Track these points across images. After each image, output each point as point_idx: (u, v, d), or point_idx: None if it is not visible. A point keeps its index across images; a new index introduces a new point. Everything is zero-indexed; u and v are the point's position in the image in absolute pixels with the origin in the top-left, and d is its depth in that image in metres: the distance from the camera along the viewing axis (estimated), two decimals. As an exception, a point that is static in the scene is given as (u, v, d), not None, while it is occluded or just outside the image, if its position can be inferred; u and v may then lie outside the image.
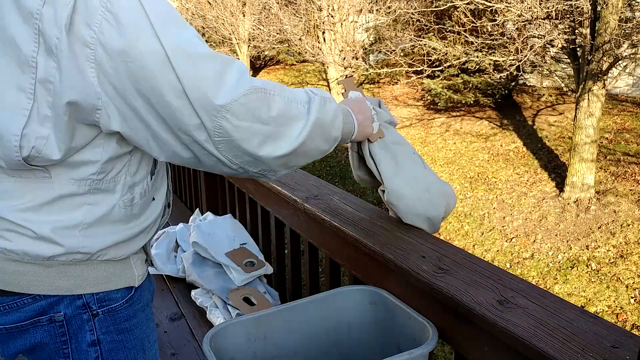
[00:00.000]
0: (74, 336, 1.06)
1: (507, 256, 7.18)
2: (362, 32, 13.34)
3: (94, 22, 0.88)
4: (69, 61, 0.89)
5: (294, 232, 2.00)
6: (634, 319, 5.74)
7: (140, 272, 1.14)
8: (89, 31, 0.88)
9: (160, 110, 0.93)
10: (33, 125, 0.91)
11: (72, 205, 1.00)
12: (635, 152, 8.45)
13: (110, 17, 0.88)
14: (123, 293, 1.10)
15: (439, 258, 1.31)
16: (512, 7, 8.00)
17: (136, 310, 1.13)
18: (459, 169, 9.46)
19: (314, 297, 1.38)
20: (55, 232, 0.99)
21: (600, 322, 1.02)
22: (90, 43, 0.88)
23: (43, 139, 0.92)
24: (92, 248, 1.03)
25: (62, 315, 1.04)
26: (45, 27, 0.88)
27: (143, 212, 1.10)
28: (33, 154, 0.92)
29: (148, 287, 1.19)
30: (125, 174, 1.04)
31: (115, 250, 1.07)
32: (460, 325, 1.19)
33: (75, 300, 1.04)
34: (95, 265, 1.05)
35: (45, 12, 0.87)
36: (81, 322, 1.06)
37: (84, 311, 1.05)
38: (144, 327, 1.16)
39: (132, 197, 1.06)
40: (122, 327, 1.10)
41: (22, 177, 0.98)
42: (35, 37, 0.88)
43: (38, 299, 1.03)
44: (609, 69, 7.55)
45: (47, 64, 0.89)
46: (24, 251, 1.00)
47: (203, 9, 16.68)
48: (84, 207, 1.01)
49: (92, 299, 1.06)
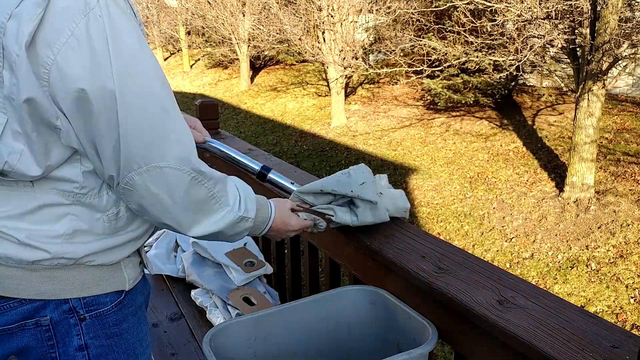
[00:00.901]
0: (62, 340, 1.05)
1: (507, 256, 7.18)
2: (362, 32, 13.34)
3: (56, 44, 0.86)
4: (25, 78, 0.87)
5: (294, 232, 2.00)
6: (634, 319, 5.74)
7: (132, 276, 1.12)
8: (48, 51, 0.86)
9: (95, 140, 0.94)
10: (6, 139, 0.91)
11: (55, 215, 1.00)
12: (635, 152, 8.45)
13: (75, 43, 0.86)
14: (112, 297, 1.08)
15: (438, 258, 1.31)
16: (511, 7, 8.00)
17: (127, 314, 1.11)
18: (459, 169, 9.46)
19: (313, 297, 1.38)
20: (38, 241, 0.99)
21: (600, 322, 1.02)
22: (46, 63, 0.87)
23: (17, 153, 0.92)
24: (77, 253, 1.02)
25: (49, 320, 1.03)
26: (7, 43, 0.86)
27: (131, 223, 1.09)
28: (6, 168, 0.92)
29: (141, 289, 1.17)
30: (107, 189, 1.03)
31: (104, 256, 1.06)
32: (460, 325, 1.19)
33: (61, 304, 1.03)
34: (81, 270, 1.04)
35: (9, 27, 0.85)
36: (68, 327, 1.05)
37: (70, 316, 1.04)
38: (136, 330, 1.14)
39: (117, 211, 1.05)
40: (112, 332, 1.09)
41: (4, 186, 0.97)
42: (1, 52, 0.87)
43: (24, 302, 1.02)
44: (609, 69, 7.55)
45: (10, 80, 0.88)
46: (7, 255, 0.99)
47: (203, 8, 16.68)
48: (67, 218, 1.00)
49: (79, 303, 1.05)
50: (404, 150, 10.64)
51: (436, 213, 8.42)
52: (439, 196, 8.82)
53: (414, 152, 10.47)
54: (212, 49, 18.77)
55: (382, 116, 12.34)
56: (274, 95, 15.77)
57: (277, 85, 16.53)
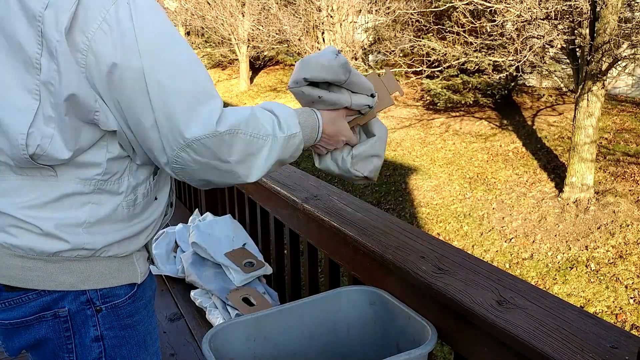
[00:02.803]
0: (78, 331, 1.08)
1: (507, 256, 7.18)
2: (362, 32, 13.34)
3: (90, 30, 0.92)
4: (67, 64, 0.92)
5: (293, 233, 2.01)
6: (633, 319, 5.74)
7: (143, 269, 1.16)
8: (83, 37, 0.92)
9: (132, 126, 0.99)
10: (38, 124, 0.95)
11: (77, 204, 1.03)
12: (634, 152, 8.46)
13: (107, 27, 0.92)
14: (126, 289, 1.11)
15: (438, 258, 1.32)
16: (511, 7, 8.00)
17: (139, 306, 1.15)
18: (458, 169, 9.46)
19: (313, 298, 1.38)
20: (60, 229, 1.02)
21: (599, 323, 1.02)
22: (82, 49, 0.92)
23: (48, 138, 0.95)
24: (97, 244, 1.05)
25: (67, 311, 1.06)
26: (47, 30, 0.91)
27: (145, 210, 1.13)
28: (38, 152, 0.96)
29: (149, 284, 1.21)
30: (129, 175, 1.07)
31: (118, 247, 1.09)
32: (460, 326, 1.19)
33: (79, 296, 1.06)
34: (99, 262, 1.08)
35: (47, 15, 0.91)
36: (85, 318, 1.07)
37: (87, 307, 1.07)
38: (147, 323, 1.18)
39: (135, 197, 1.09)
40: (125, 323, 1.12)
41: (29, 175, 1.01)
42: (38, 39, 0.92)
43: (43, 294, 1.04)
44: (609, 69, 7.55)
45: (50, 66, 0.92)
46: (29, 247, 1.02)
47: (202, 9, 16.68)
48: (88, 206, 1.03)
49: (96, 294, 1.07)
50: (404, 150, 10.65)
51: (436, 213, 8.42)
52: (439, 196, 8.82)
53: (414, 153, 10.47)
54: (212, 49, 18.78)
55: (381, 116, 12.34)
56: (274, 95, 15.77)
57: (277, 86, 16.53)
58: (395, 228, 1.49)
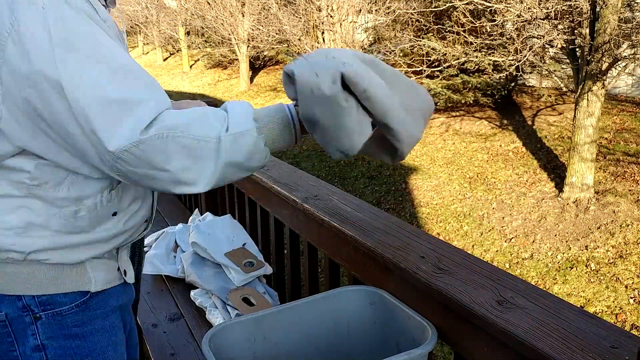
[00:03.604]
0: (20, 339, 1.04)
1: (507, 256, 7.18)
2: (362, 32, 13.34)
3: (0, 41, 0.87)
4: None
5: (293, 233, 2.01)
6: (633, 319, 5.74)
7: (100, 278, 1.10)
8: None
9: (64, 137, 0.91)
10: None
11: (9, 207, 0.99)
12: (634, 152, 8.46)
13: (16, 36, 0.86)
14: (72, 297, 1.06)
15: (438, 258, 1.31)
16: (511, 7, 8.00)
17: (93, 316, 1.09)
18: (458, 169, 9.46)
19: (313, 298, 1.38)
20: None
21: (599, 323, 1.02)
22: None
23: None
24: (26, 247, 1.00)
25: (4, 315, 1.02)
26: None
27: (96, 225, 1.06)
28: None
29: (118, 294, 1.14)
30: (69, 186, 1.01)
31: (62, 254, 1.03)
32: (460, 326, 1.19)
33: (15, 301, 1.02)
34: (37, 267, 1.03)
35: None
36: (24, 325, 1.03)
37: (25, 313, 1.03)
38: (104, 335, 1.11)
39: (76, 210, 1.02)
40: (71, 333, 1.06)
41: None
42: None
43: None
44: (609, 69, 7.55)
45: None
46: None
47: (202, 9, 16.69)
48: (21, 210, 0.99)
49: (33, 301, 1.03)
50: (404, 150, 10.63)
51: (435, 213, 8.42)
52: (439, 196, 8.82)
53: (414, 152, 10.47)
54: (212, 49, 18.78)
55: (381, 116, 12.33)
56: (274, 95, 15.77)
57: (277, 86, 16.52)
58: (395, 228, 1.49)
